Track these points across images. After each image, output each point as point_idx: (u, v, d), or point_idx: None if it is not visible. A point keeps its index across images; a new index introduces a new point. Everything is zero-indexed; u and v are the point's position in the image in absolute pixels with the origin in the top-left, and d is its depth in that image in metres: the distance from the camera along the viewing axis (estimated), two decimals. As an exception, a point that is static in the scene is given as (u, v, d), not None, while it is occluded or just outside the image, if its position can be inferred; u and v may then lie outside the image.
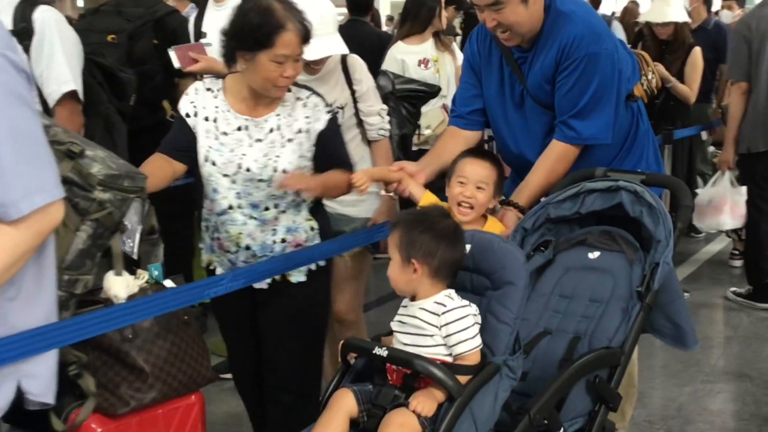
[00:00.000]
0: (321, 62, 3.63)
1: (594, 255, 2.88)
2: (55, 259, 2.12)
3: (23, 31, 3.45)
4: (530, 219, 2.96)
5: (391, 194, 3.64)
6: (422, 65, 5.46)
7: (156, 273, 2.73)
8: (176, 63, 4.35)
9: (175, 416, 2.72)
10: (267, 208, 3.05)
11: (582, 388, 2.57)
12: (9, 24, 3.51)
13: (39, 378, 2.09)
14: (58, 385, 2.16)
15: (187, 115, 3.08)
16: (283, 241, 3.10)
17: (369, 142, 3.88)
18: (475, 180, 2.98)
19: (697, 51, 6.33)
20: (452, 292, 2.45)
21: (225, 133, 3.02)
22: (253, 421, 3.48)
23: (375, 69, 4.39)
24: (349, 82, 3.76)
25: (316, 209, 3.22)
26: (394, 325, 2.49)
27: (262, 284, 3.11)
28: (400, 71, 5.27)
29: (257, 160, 3.00)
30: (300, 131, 3.05)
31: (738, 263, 6.67)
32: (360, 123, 3.81)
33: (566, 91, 3.10)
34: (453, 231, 2.46)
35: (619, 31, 6.69)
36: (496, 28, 3.08)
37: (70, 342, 2.26)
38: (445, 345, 2.39)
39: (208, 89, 3.09)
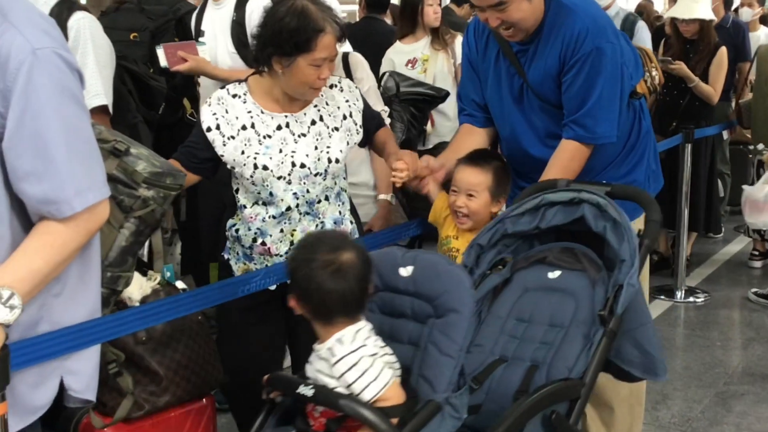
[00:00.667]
0: None
1: (554, 274, 2.62)
2: (99, 257, 2.16)
3: None
4: (486, 234, 2.71)
5: (389, 198, 3.51)
6: (409, 65, 5.30)
7: (168, 274, 2.70)
8: (163, 62, 4.20)
9: (188, 419, 2.71)
10: (320, 201, 2.97)
11: (538, 424, 2.32)
12: None
13: (81, 375, 2.12)
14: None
15: (209, 129, 2.91)
16: None
17: None
18: (465, 188, 2.94)
19: (723, 51, 6.11)
20: (344, 334, 2.19)
21: (268, 136, 2.90)
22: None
23: None
24: (351, 80, 3.55)
25: (352, 205, 3.17)
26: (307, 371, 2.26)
27: None
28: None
29: (309, 154, 2.90)
30: (345, 117, 3.00)
31: (758, 264, 6.62)
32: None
33: (575, 89, 2.96)
34: (334, 265, 2.18)
35: (644, 31, 6.44)
36: (500, 26, 2.94)
37: (112, 337, 2.28)
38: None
39: (234, 95, 2.95)
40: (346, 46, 3.44)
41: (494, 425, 2.23)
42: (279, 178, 2.88)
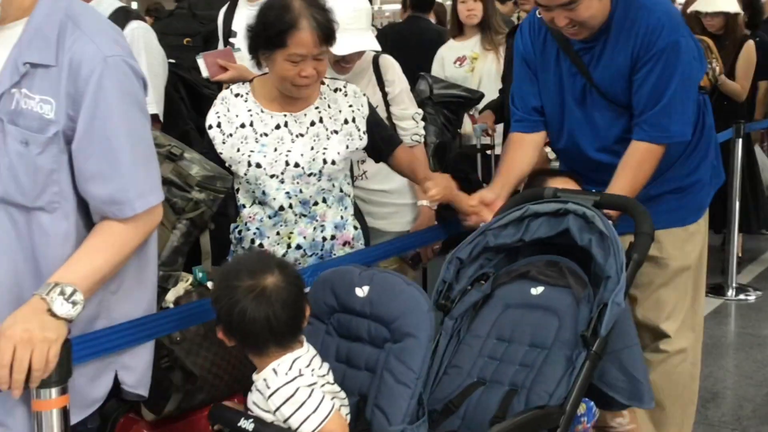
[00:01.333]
0: (352, 59, 3.39)
1: (537, 290, 2.43)
2: (156, 256, 2.25)
3: None
4: (467, 248, 2.53)
5: (428, 204, 3.40)
6: (458, 62, 5.15)
7: (200, 275, 2.71)
8: (204, 72, 4.08)
9: None
10: (316, 203, 2.90)
11: (513, 455, 2.14)
12: None
13: (134, 370, 2.20)
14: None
15: (210, 127, 2.93)
16: (333, 237, 2.93)
17: None
18: None
19: (750, 45, 5.84)
20: (280, 363, 2.04)
21: (264, 134, 2.87)
22: None
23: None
24: (381, 83, 3.52)
25: (358, 211, 3.09)
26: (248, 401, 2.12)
27: None
28: (440, 68, 5.12)
29: (304, 154, 2.85)
30: (347, 122, 2.91)
31: None
32: (393, 128, 3.53)
33: (649, 86, 2.79)
34: (256, 290, 2.04)
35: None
36: (567, 26, 2.78)
37: (165, 333, 2.35)
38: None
39: (237, 95, 2.95)
40: (376, 45, 3.31)
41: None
42: (272, 176, 2.83)
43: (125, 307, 2.16)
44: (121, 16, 3.55)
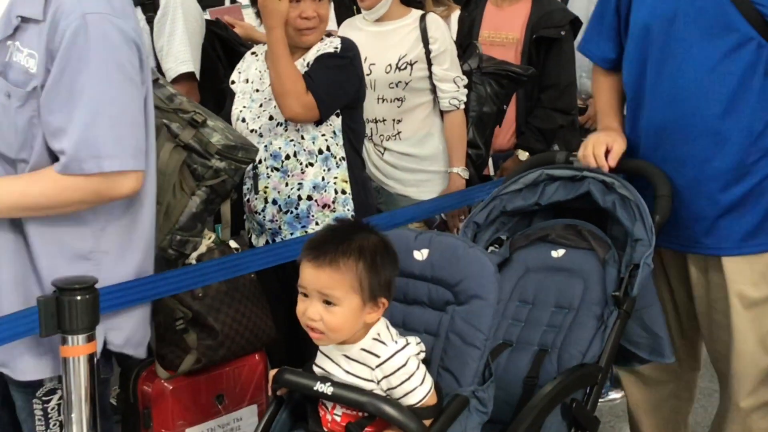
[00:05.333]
0: None
1: (558, 253, 2.48)
2: (154, 221, 2.27)
3: (149, 2, 3.55)
4: (482, 212, 2.55)
5: (460, 172, 3.38)
6: None
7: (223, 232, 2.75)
8: None
9: (242, 373, 2.76)
10: (288, 157, 2.94)
11: (558, 414, 2.18)
12: None
13: (120, 330, 2.22)
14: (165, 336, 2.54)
15: (232, 82, 3.10)
16: (309, 198, 2.95)
17: (441, 114, 3.51)
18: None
19: None
20: (380, 329, 1.98)
21: (257, 90, 3.00)
22: None
23: None
24: (426, 39, 3.41)
25: (359, 176, 3.03)
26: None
27: None
28: None
29: (276, 106, 2.92)
30: (308, 66, 2.97)
31: None
32: (433, 89, 3.45)
33: None
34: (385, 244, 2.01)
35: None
36: None
37: (153, 298, 2.33)
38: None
39: (253, 53, 3.14)
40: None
41: (517, 420, 2.09)
42: (252, 131, 2.96)
43: (117, 269, 2.18)
44: None
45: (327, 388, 1.93)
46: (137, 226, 2.22)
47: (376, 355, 1.93)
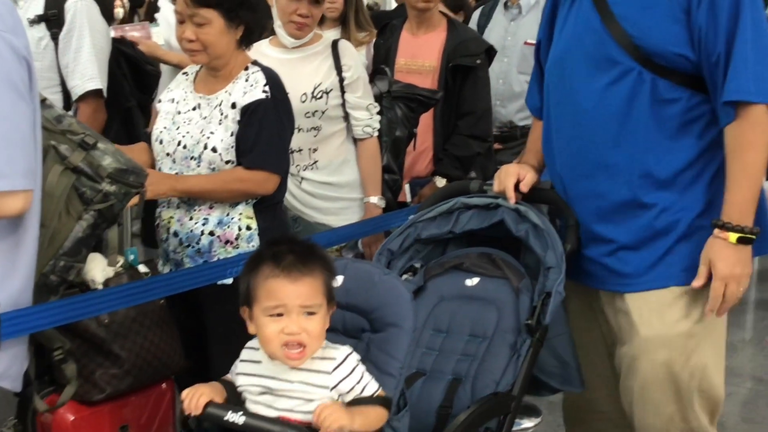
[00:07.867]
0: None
1: (472, 282, 2.48)
2: (37, 245, 2.19)
3: (53, 18, 3.48)
4: (396, 239, 2.53)
5: (377, 201, 3.38)
6: None
7: (132, 257, 2.71)
8: None
9: (149, 402, 2.71)
10: None
11: (470, 444, 2.17)
12: (41, 8, 3.53)
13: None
14: (40, 367, 2.39)
15: (159, 101, 3.04)
16: (212, 234, 2.86)
17: (355, 141, 3.52)
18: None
19: None
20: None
21: (179, 112, 2.93)
22: None
23: None
24: (339, 67, 3.42)
25: (266, 210, 2.91)
26: (249, 391, 2.00)
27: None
28: None
29: (193, 136, 2.85)
30: (234, 106, 2.83)
31: None
32: (346, 117, 3.46)
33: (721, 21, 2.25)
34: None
35: None
36: None
37: (45, 327, 2.29)
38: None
39: (185, 73, 3.05)
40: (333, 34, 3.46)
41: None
42: (167, 154, 2.89)
43: None
44: None
45: (238, 418, 1.88)
46: (20, 249, 2.13)
47: (331, 359, 1.93)
